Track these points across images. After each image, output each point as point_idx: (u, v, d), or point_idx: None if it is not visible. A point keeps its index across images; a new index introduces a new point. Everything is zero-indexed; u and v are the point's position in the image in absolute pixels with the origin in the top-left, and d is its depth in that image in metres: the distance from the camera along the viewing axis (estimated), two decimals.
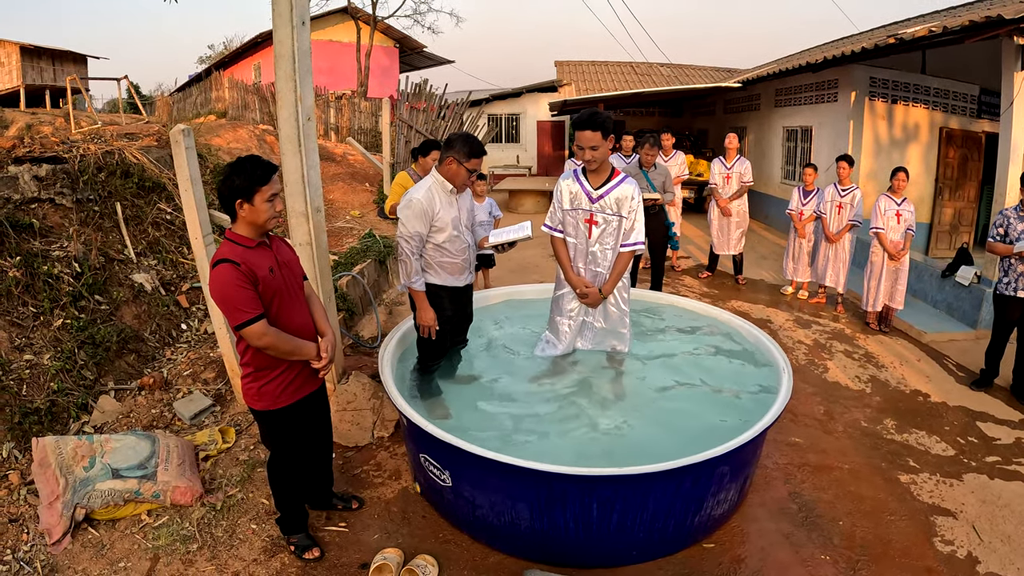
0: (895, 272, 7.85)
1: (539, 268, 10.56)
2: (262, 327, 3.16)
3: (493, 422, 4.18)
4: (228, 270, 3.11)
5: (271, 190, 3.20)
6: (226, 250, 3.19)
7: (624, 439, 4.05)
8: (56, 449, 4.05)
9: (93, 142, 7.34)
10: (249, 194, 3.17)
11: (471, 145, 4.33)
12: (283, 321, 3.34)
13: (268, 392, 3.40)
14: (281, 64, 4.51)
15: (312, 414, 3.72)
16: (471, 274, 4.66)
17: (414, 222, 4.24)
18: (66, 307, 5.51)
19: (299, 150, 4.60)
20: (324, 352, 3.47)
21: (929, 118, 11.73)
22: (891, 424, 5.54)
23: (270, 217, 3.25)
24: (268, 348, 3.24)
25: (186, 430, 4.96)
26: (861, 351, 7.30)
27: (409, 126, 12.28)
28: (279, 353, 3.30)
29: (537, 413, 4.28)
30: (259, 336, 3.17)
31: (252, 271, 3.16)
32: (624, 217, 4.42)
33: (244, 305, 3.12)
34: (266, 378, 3.39)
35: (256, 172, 3.16)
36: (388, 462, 4.75)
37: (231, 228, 3.32)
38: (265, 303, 3.23)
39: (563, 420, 4.20)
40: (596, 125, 4.16)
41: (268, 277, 3.24)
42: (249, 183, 3.15)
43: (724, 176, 9.88)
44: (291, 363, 3.41)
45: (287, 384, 3.44)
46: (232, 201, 3.19)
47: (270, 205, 3.22)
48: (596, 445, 3.98)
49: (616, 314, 4.66)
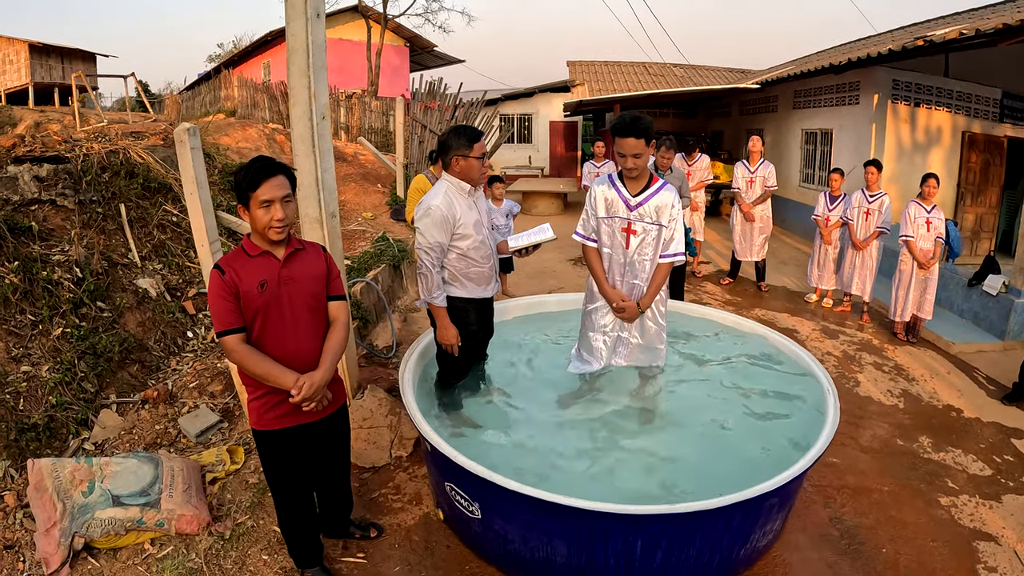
0: (924, 281, 7.69)
1: (556, 273, 10.30)
2: (232, 342, 2.95)
3: (520, 446, 3.90)
4: (214, 276, 2.96)
5: (263, 195, 2.91)
6: (227, 255, 3.06)
7: (662, 466, 3.77)
8: (53, 472, 3.76)
9: (97, 141, 7.06)
10: (244, 200, 2.96)
11: (467, 133, 4.03)
12: (267, 342, 3.04)
13: (254, 409, 3.16)
14: (294, 59, 4.21)
15: (314, 444, 3.37)
16: (497, 283, 4.35)
17: (434, 231, 3.92)
18: (66, 315, 5.22)
19: (313, 151, 4.29)
20: (296, 388, 2.99)
21: (951, 122, 11.52)
22: (927, 442, 5.39)
23: (266, 224, 2.96)
24: (237, 365, 3.02)
25: (191, 448, 4.66)
26: (891, 363, 7.14)
27: (423, 126, 12.00)
28: (249, 374, 3.04)
29: (567, 436, 3.99)
30: (229, 351, 2.98)
31: (234, 282, 2.95)
32: (664, 226, 4.10)
33: (220, 315, 2.94)
34: (253, 393, 3.16)
35: (248, 175, 2.92)
36: (408, 485, 4.45)
37: (249, 235, 3.12)
38: (247, 319, 2.99)
39: (596, 445, 3.91)
40: (640, 132, 3.85)
41: (253, 292, 2.97)
42: (241, 188, 2.94)
43: (747, 180, 9.60)
44: (273, 387, 3.09)
45: (269, 407, 3.14)
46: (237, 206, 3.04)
47: (265, 211, 2.93)
48: (631, 472, 3.70)
49: (653, 329, 4.33)
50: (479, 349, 4.48)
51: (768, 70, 20.75)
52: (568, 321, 5.45)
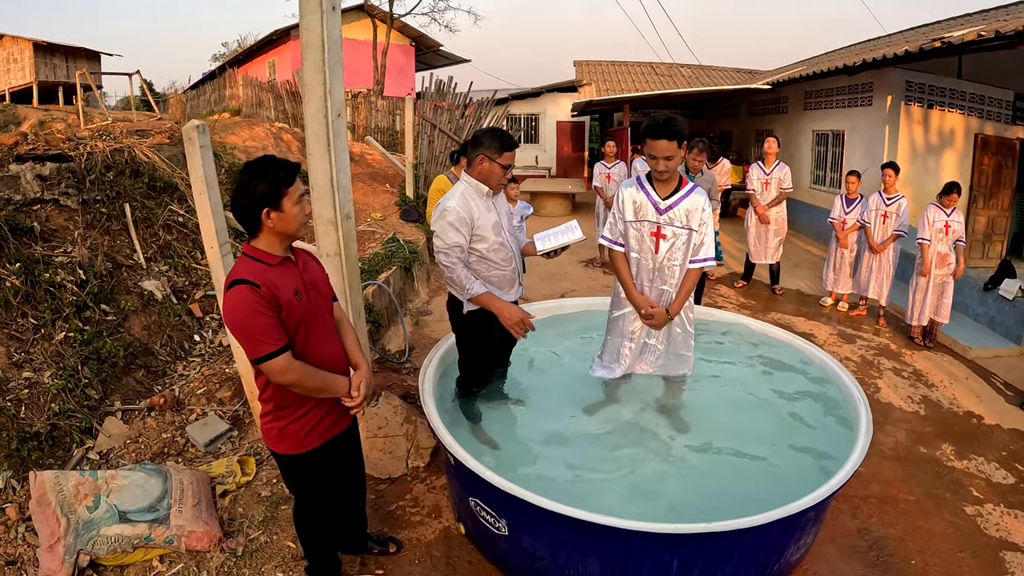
0: (942, 285, 7.61)
1: (569, 276, 10.14)
2: (286, 361, 2.68)
3: (542, 457, 3.74)
4: (246, 293, 2.62)
5: (299, 190, 2.74)
6: (243, 268, 2.70)
7: (688, 477, 3.63)
8: (56, 485, 3.59)
9: (102, 139, 6.90)
10: (276, 200, 2.68)
11: (502, 138, 3.84)
12: (311, 352, 2.84)
13: (292, 433, 2.90)
14: (309, 53, 4.01)
15: (342, 454, 3.21)
16: (521, 287, 4.16)
17: (451, 233, 3.73)
18: (69, 318, 5.05)
19: (328, 150, 4.09)
20: (356, 390, 2.93)
21: (964, 124, 11.44)
22: (949, 450, 5.34)
23: (302, 223, 2.78)
24: (293, 385, 2.74)
25: (200, 459, 4.49)
26: (909, 368, 7.06)
27: (433, 125, 11.82)
28: (305, 391, 2.81)
29: (591, 447, 3.84)
30: (282, 372, 2.68)
31: (274, 294, 2.67)
32: (694, 230, 3.93)
33: (265, 335, 2.64)
34: (289, 417, 2.89)
35: (280, 173, 2.68)
36: (426, 496, 4.28)
37: (249, 242, 2.81)
38: (289, 332, 2.75)
39: (621, 456, 3.76)
40: (672, 133, 3.68)
41: (293, 301, 2.75)
42: (275, 186, 2.67)
43: (763, 182, 9.42)
44: (318, 400, 2.92)
45: (314, 424, 2.94)
46: (257, 212, 2.69)
47: (300, 208, 2.74)
48: (658, 485, 3.58)
49: (681, 336, 4.16)
50: (502, 356, 4.32)
51: (776, 70, 20.62)
52: (586, 325, 5.32)
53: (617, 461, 3.71)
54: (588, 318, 5.44)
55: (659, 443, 3.89)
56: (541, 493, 3.04)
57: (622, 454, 3.76)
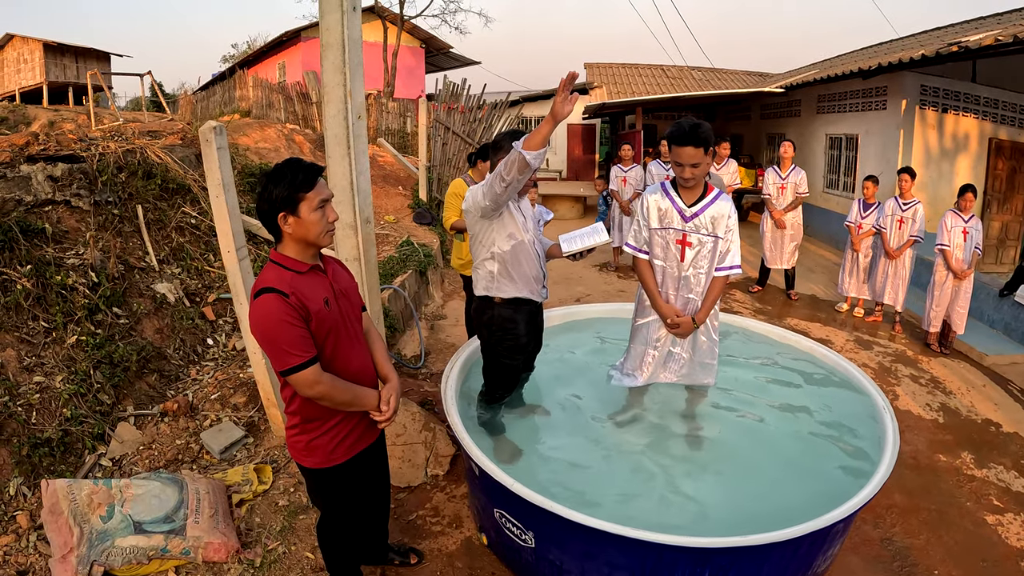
0: (958, 291, 7.51)
1: (583, 279, 10.04)
2: (315, 374, 2.57)
3: (567, 467, 3.64)
4: (274, 302, 2.51)
5: (319, 195, 2.60)
6: (271, 276, 2.59)
7: (719, 489, 3.53)
8: (69, 494, 3.51)
9: (113, 140, 6.82)
10: (293, 204, 2.56)
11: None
12: (339, 364, 2.73)
13: (320, 447, 2.79)
14: (328, 54, 3.94)
15: (370, 468, 3.10)
16: (546, 289, 4.03)
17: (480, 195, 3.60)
18: (81, 322, 4.98)
19: (348, 153, 4.02)
20: (385, 404, 2.83)
21: (978, 128, 11.37)
22: (969, 458, 5.31)
23: (323, 230, 2.64)
24: (321, 398, 2.63)
25: (216, 466, 4.40)
26: (927, 376, 6.99)
27: (446, 128, 11.75)
28: (334, 404, 2.70)
29: (616, 458, 3.73)
30: (311, 384, 2.57)
31: (303, 303, 2.56)
32: (720, 238, 3.81)
33: (293, 347, 2.52)
34: (317, 431, 2.78)
35: (298, 176, 2.56)
36: (446, 506, 4.18)
37: (276, 248, 2.70)
38: (318, 343, 2.64)
39: (648, 467, 3.66)
40: (699, 140, 3.54)
41: (323, 311, 2.64)
42: (291, 190, 2.55)
43: (778, 186, 9.29)
44: (346, 413, 2.81)
45: (342, 438, 2.83)
46: (274, 216, 2.59)
47: (320, 214, 2.61)
48: (689, 498, 3.46)
49: (706, 344, 4.04)
50: (528, 362, 4.20)
51: (788, 73, 20.52)
52: (606, 332, 5.22)
53: (643, 472, 3.62)
54: (607, 325, 5.33)
55: (685, 453, 3.80)
56: (568, 505, 2.95)
57: (648, 464, 3.67)
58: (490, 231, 3.73)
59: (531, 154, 3.20)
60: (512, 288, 3.80)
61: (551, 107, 3.12)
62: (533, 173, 3.49)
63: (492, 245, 3.75)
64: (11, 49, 28.52)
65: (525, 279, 3.81)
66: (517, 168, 3.26)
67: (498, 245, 3.74)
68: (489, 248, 3.76)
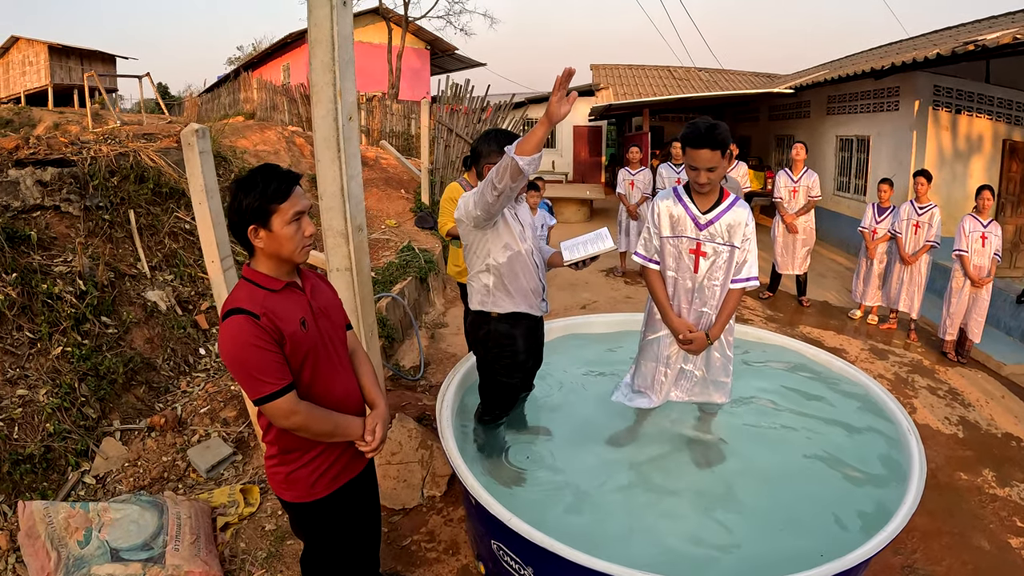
0: (976, 299, 7.31)
1: (589, 285, 9.80)
2: (290, 403, 2.33)
3: (570, 496, 3.39)
4: (243, 324, 2.28)
5: (293, 207, 2.36)
6: (241, 295, 2.36)
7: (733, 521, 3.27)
8: (45, 517, 3.34)
9: (106, 143, 6.65)
10: (264, 216, 2.33)
11: (498, 138, 3.54)
12: (320, 390, 2.49)
13: (300, 479, 2.55)
14: (317, 52, 3.69)
15: (357, 499, 2.84)
16: (545, 302, 3.78)
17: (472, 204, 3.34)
18: (67, 332, 4.79)
19: (338, 156, 3.77)
20: (370, 433, 2.58)
21: (992, 129, 11.20)
22: (991, 476, 5.12)
23: (298, 246, 2.40)
24: (299, 429, 2.40)
25: (202, 485, 4.20)
26: (945, 387, 6.79)
27: (449, 129, 11.56)
28: (313, 435, 2.46)
29: (624, 486, 3.48)
30: (286, 415, 2.34)
31: (276, 325, 2.33)
32: (737, 247, 3.56)
33: (265, 373, 2.29)
34: (297, 463, 2.54)
35: (270, 186, 2.33)
36: (442, 530, 3.96)
37: (249, 264, 2.47)
38: (295, 368, 2.41)
39: (657, 497, 3.43)
40: (716, 142, 3.30)
41: (298, 333, 2.40)
42: (262, 201, 2.32)
43: (790, 190, 9.06)
44: (329, 444, 2.57)
45: (324, 470, 2.59)
46: (244, 229, 2.36)
47: (295, 228, 2.37)
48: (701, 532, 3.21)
49: (720, 361, 3.80)
50: (526, 379, 3.95)
51: (796, 74, 20.31)
52: (612, 345, 4.98)
53: (652, 503, 3.39)
54: (614, 338, 5.09)
55: (696, 481, 3.56)
56: (570, 538, 2.72)
57: (657, 494, 3.44)
58: (484, 242, 3.48)
59: (525, 159, 2.92)
60: (509, 303, 3.56)
61: (547, 108, 2.87)
62: (533, 179, 3.27)
63: (487, 257, 3.49)
64: (16, 51, 28.66)
65: (523, 293, 3.57)
66: (510, 175, 3.00)
67: (493, 257, 3.48)
68: (484, 260, 3.51)
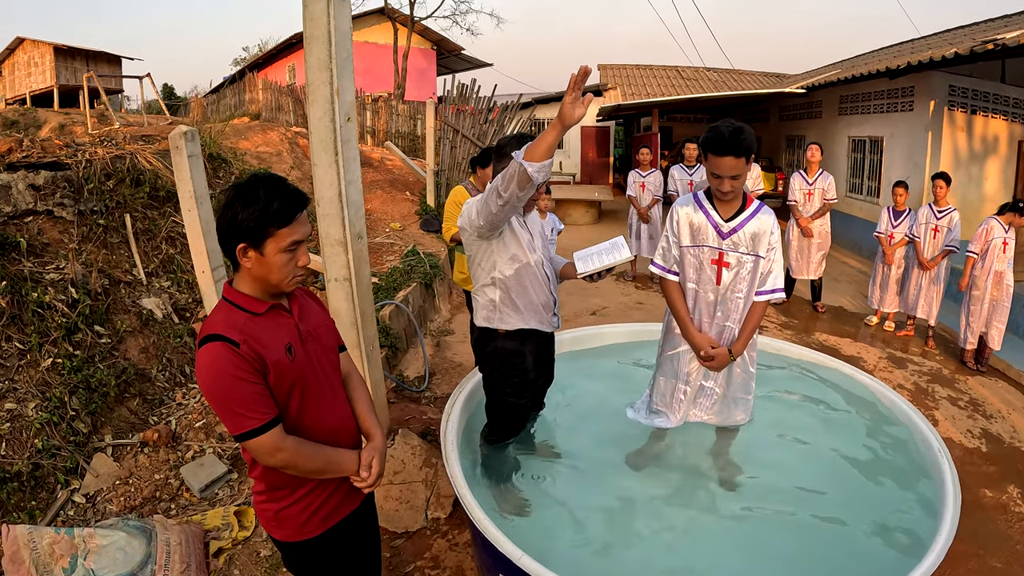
0: (996, 306, 7.10)
1: (600, 290, 9.54)
2: (275, 439, 2.08)
3: (583, 525, 3.17)
4: (221, 353, 2.02)
5: (293, 235, 2.10)
6: (219, 319, 2.10)
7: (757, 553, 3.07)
8: (30, 542, 3.16)
9: (102, 145, 6.47)
10: (258, 238, 2.07)
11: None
12: (309, 422, 2.23)
13: (289, 518, 2.29)
14: (313, 48, 3.46)
15: (353, 537, 2.56)
16: (557, 317, 3.54)
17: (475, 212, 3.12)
18: (58, 342, 4.61)
19: (336, 159, 3.54)
20: (366, 469, 2.30)
21: (1008, 130, 10.97)
22: (1016, 493, 4.93)
23: (288, 276, 2.15)
24: (286, 467, 2.14)
25: (195, 506, 4.00)
26: (966, 397, 6.57)
27: (455, 130, 11.36)
28: (302, 473, 2.20)
29: (640, 514, 3.26)
30: (271, 452, 2.09)
31: (258, 354, 2.07)
32: (762, 257, 3.33)
33: (246, 407, 2.03)
34: (286, 500, 2.28)
35: (273, 204, 2.05)
36: (447, 555, 3.75)
37: (231, 282, 2.21)
38: (280, 399, 2.15)
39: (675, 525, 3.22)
40: (741, 149, 3.05)
41: (284, 361, 2.14)
42: (260, 221, 2.05)
43: (805, 192, 8.81)
44: (321, 479, 2.31)
45: (316, 508, 2.32)
46: (233, 244, 2.09)
47: (289, 257, 2.12)
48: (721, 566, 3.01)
49: (741, 377, 3.56)
50: (537, 399, 3.73)
51: (806, 74, 20.09)
52: (626, 358, 4.74)
53: (671, 542, 3.16)
54: (628, 349, 4.86)
55: (716, 506, 3.34)
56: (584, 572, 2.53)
57: (675, 522, 3.23)
58: (490, 253, 3.24)
59: (534, 166, 2.68)
60: (517, 319, 3.31)
61: (559, 110, 2.61)
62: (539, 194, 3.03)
63: (492, 269, 3.25)
64: (22, 52, 28.73)
65: (532, 308, 3.33)
66: (517, 183, 2.75)
67: (499, 269, 3.24)
68: (489, 273, 3.27)
